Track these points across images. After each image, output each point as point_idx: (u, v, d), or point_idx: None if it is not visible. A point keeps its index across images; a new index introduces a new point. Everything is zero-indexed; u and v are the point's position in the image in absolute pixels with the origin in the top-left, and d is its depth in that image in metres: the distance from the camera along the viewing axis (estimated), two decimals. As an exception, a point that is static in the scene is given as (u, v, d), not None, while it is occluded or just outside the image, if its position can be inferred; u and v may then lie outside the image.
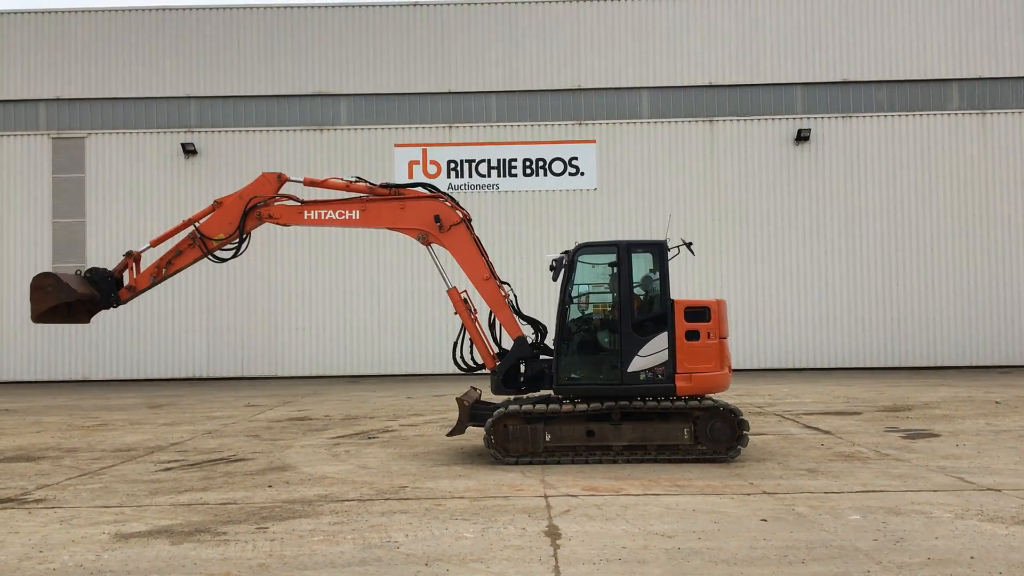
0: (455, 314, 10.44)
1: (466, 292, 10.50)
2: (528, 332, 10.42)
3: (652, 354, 9.67)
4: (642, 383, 9.69)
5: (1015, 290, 24.64)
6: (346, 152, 25.27)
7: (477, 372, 10.77)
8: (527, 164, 25.15)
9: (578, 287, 10.21)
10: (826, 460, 9.83)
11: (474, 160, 25.15)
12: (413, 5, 25.65)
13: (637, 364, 9.68)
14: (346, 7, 25.70)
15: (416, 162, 25.11)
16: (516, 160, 25.15)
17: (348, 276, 25.15)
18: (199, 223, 10.48)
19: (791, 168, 25.08)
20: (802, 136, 24.83)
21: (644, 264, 10.05)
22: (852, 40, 25.18)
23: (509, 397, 10.42)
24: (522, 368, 10.24)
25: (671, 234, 11.12)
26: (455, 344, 10.55)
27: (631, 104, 25.42)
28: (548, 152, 25.18)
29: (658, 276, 9.91)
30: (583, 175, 25.11)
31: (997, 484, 8.37)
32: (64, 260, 24.42)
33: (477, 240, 10.52)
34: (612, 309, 10.02)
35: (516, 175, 25.12)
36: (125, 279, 10.68)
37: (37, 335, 25.05)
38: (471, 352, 10.58)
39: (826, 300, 24.82)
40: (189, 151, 25.15)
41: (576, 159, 25.16)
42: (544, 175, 25.14)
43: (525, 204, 25.04)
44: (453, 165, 25.15)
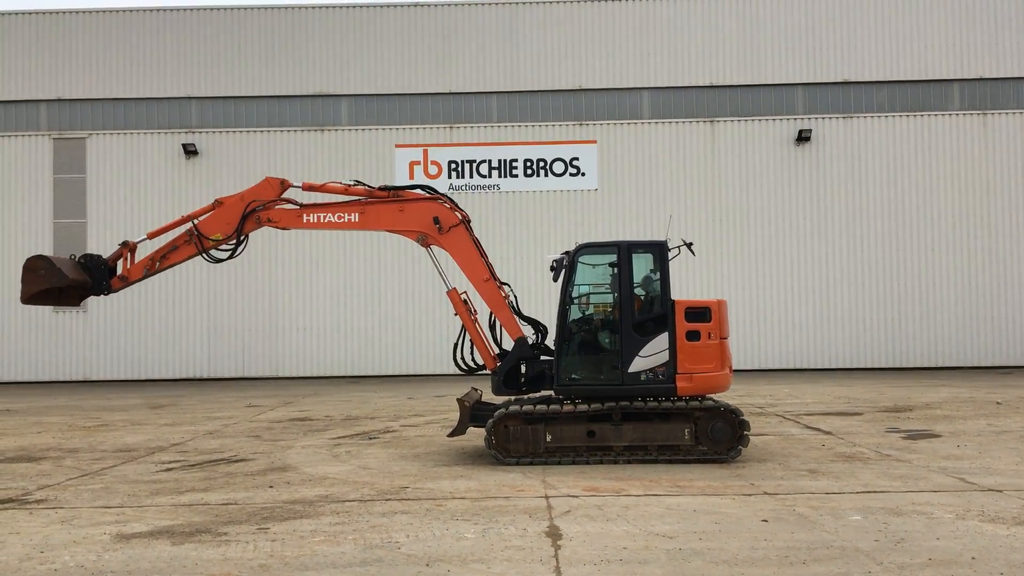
0: (455, 315, 10.44)
1: (466, 293, 10.49)
2: (528, 333, 10.42)
3: (653, 354, 9.67)
4: (643, 383, 9.69)
5: (1016, 290, 24.62)
6: (347, 153, 25.29)
7: (478, 373, 10.77)
8: (528, 164, 25.15)
9: (579, 287, 10.21)
10: (827, 461, 9.83)
11: (475, 160, 25.16)
12: (414, 6, 25.66)
13: (638, 364, 9.68)
14: (347, 7, 25.72)
15: (417, 163, 25.12)
16: (517, 160, 25.15)
17: (349, 277, 25.16)
18: (198, 220, 10.49)
19: (792, 168, 25.08)
20: (803, 136, 24.82)
21: (645, 264, 10.06)
22: (853, 40, 25.17)
23: (510, 398, 10.42)
24: (523, 369, 10.24)
25: (672, 234, 11.11)
26: (455, 345, 10.55)
27: (632, 104, 25.42)
28: (549, 152, 25.18)
29: (659, 276, 9.91)
30: (584, 175, 25.11)
31: (998, 485, 8.36)
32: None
33: (476, 241, 10.51)
34: (613, 309, 10.02)
35: (517, 175, 25.12)
36: (119, 268, 10.67)
37: (38, 336, 25.09)
38: (471, 353, 10.58)
39: (827, 300, 24.81)
40: (190, 151, 25.16)
41: (577, 159, 25.16)
42: (545, 175, 25.14)
43: (526, 204, 25.05)
44: (454, 166, 25.15)
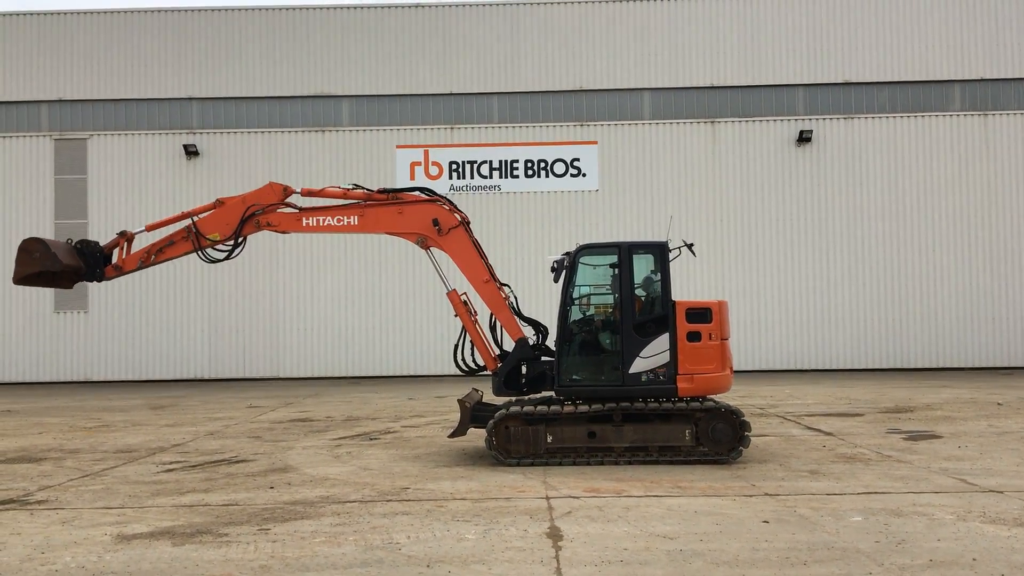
0: (455, 316, 10.44)
1: (466, 294, 10.50)
2: (529, 334, 10.42)
3: (653, 355, 9.67)
4: (643, 384, 9.68)
5: (1017, 291, 24.61)
6: (348, 153, 25.30)
7: (478, 374, 10.77)
8: (529, 165, 25.15)
9: (579, 288, 10.21)
10: (828, 462, 9.83)
11: (476, 161, 25.16)
12: (415, 7, 25.67)
13: (638, 365, 9.67)
14: (348, 8, 25.73)
15: (418, 163, 25.12)
16: (518, 161, 25.15)
17: (349, 277, 25.16)
18: (197, 218, 10.50)
19: (793, 169, 25.08)
20: (804, 137, 24.81)
21: (645, 265, 10.05)
22: (854, 41, 25.17)
23: (510, 399, 10.41)
24: (523, 369, 10.24)
25: (672, 235, 11.11)
26: (456, 346, 10.55)
27: (633, 105, 25.42)
28: (550, 153, 25.18)
29: (659, 277, 9.90)
30: (585, 176, 25.11)
31: (999, 486, 8.36)
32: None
33: (476, 243, 10.51)
34: (613, 310, 10.01)
35: (518, 176, 25.13)
36: (114, 257, 10.70)
37: (39, 336, 25.10)
38: (472, 354, 10.58)
39: (828, 301, 24.80)
40: (191, 152, 25.17)
41: (578, 160, 25.16)
42: (546, 176, 25.14)
43: (527, 205, 25.05)
44: (455, 166, 25.15)
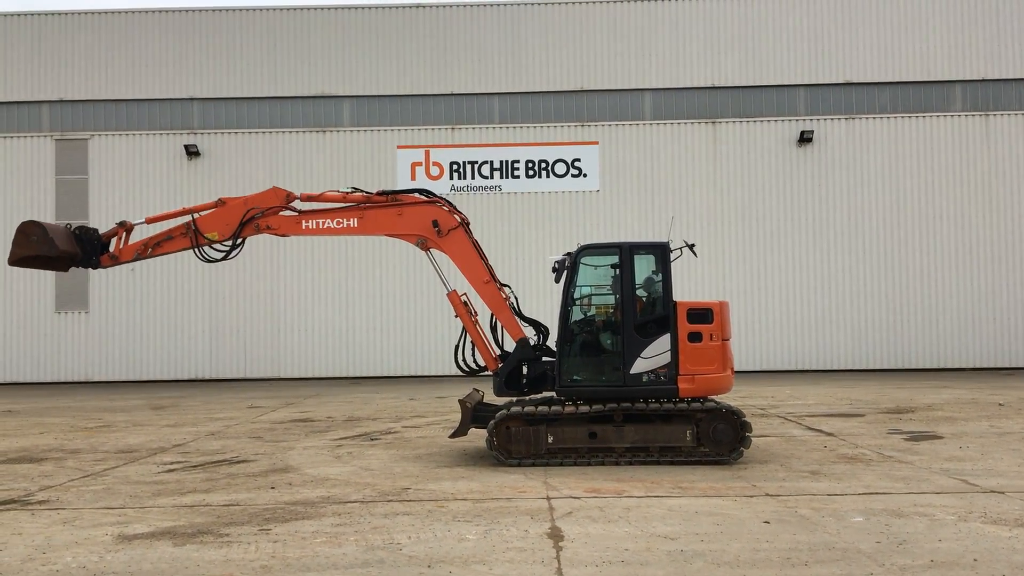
0: (456, 317, 10.44)
1: (466, 295, 10.50)
2: (530, 334, 10.42)
3: (654, 356, 9.67)
4: (644, 385, 9.68)
5: (1018, 291, 24.59)
6: (348, 154, 25.30)
7: (479, 374, 10.77)
8: (529, 166, 25.15)
9: (580, 289, 10.20)
10: (829, 462, 9.82)
11: (477, 162, 25.16)
12: (416, 7, 25.68)
13: (639, 366, 9.67)
14: (348, 9, 25.74)
15: (419, 164, 25.12)
16: (519, 162, 25.15)
17: (350, 278, 25.16)
18: (198, 216, 10.50)
19: (794, 169, 25.07)
20: (805, 137, 24.80)
21: (646, 266, 10.05)
22: (855, 41, 25.16)
23: (511, 399, 10.41)
24: (524, 370, 10.24)
25: (674, 236, 11.10)
26: (456, 347, 10.55)
27: (634, 105, 25.42)
28: (551, 153, 25.18)
29: (660, 278, 9.90)
30: (586, 177, 25.11)
31: (1000, 486, 8.35)
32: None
33: (476, 243, 10.51)
34: (614, 311, 10.01)
35: (519, 176, 25.12)
36: (112, 246, 10.70)
37: (40, 337, 25.11)
38: (473, 354, 10.58)
39: (829, 302, 24.79)
40: (192, 152, 25.18)
41: (579, 160, 25.15)
42: (547, 177, 25.14)
43: (527, 206, 25.05)
44: (456, 167, 25.16)
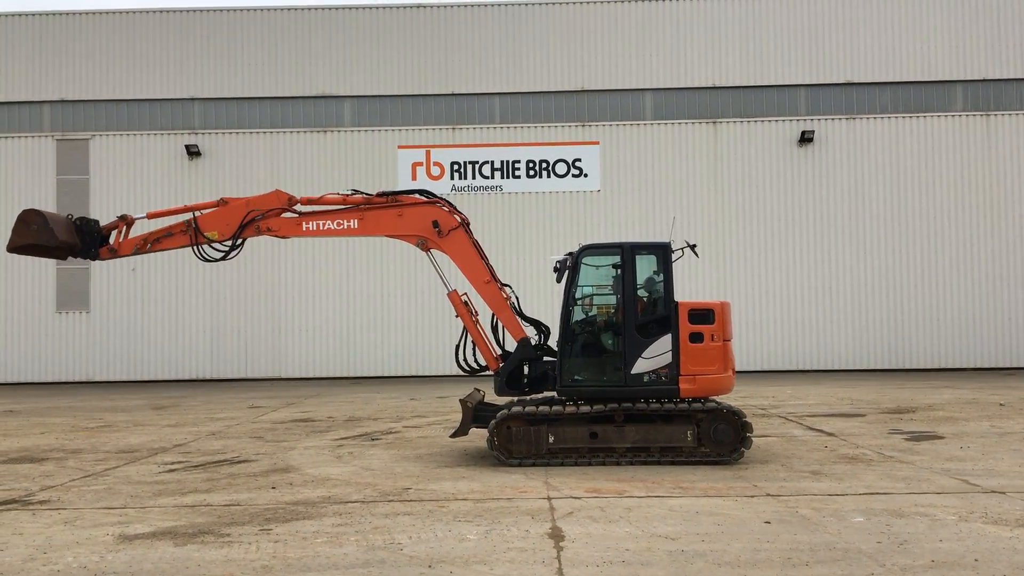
0: (456, 317, 10.45)
1: (466, 294, 10.50)
2: (531, 333, 10.42)
3: (656, 356, 9.66)
4: (646, 385, 9.67)
5: (1019, 291, 24.58)
6: (349, 154, 25.30)
7: (480, 374, 10.77)
8: (530, 166, 25.15)
9: (582, 289, 10.19)
10: (830, 462, 9.82)
11: (477, 162, 25.17)
12: (417, 7, 25.68)
13: (641, 366, 9.67)
14: (349, 9, 25.74)
15: (420, 164, 25.13)
16: (519, 162, 25.15)
17: (351, 277, 25.17)
18: (199, 214, 10.52)
19: (795, 170, 25.06)
20: (806, 138, 24.79)
21: (648, 266, 10.04)
22: (856, 41, 25.15)
23: (512, 399, 10.41)
24: (525, 369, 10.24)
25: (675, 236, 11.09)
26: (457, 346, 10.55)
27: (634, 105, 25.41)
28: (551, 154, 25.18)
29: (662, 278, 9.90)
30: (586, 177, 25.11)
31: (1001, 486, 8.35)
32: (68, 261, 24.41)
33: (476, 243, 10.51)
34: (616, 311, 10.01)
35: (519, 177, 25.13)
36: (112, 239, 10.72)
37: (41, 337, 25.12)
38: (474, 354, 10.58)
39: (829, 302, 24.78)
40: (193, 153, 25.19)
41: (579, 161, 25.15)
42: (547, 177, 25.14)
43: (528, 206, 25.05)
44: (456, 167, 25.16)
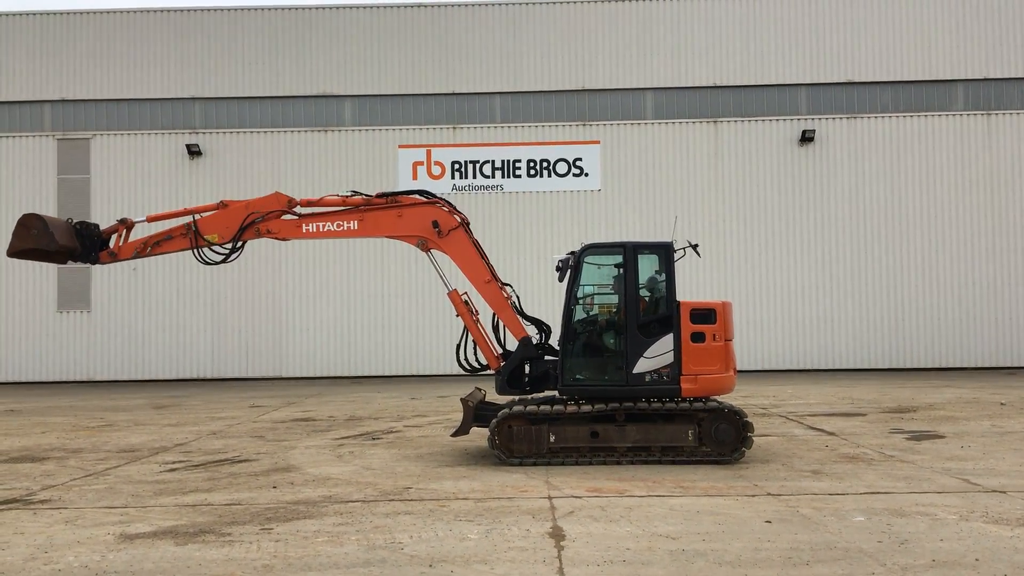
0: (457, 316, 10.45)
1: (467, 294, 10.51)
2: (532, 333, 10.42)
3: (657, 356, 9.66)
4: (647, 384, 9.67)
5: (1020, 291, 24.57)
6: (350, 153, 25.30)
7: (481, 373, 10.78)
8: (531, 165, 25.15)
9: (584, 288, 10.19)
10: (831, 462, 9.82)
11: (478, 161, 25.16)
12: (417, 7, 25.67)
13: (642, 365, 9.66)
14: (350, 8, 25.74)
15: (420, 163, 25.13)
16: (520, 161, 25.15)
17: (352, 277, 25.17)
18: (199, 217, 10.52)
19: (795, 169, 25.05)
20: (807, 137, 24.78)
21: (650, 265, 10.04)
22: (856, 41, 25.14)
23: (513, 398, 10.42)
24: (527, 369, 10.24)
25: (677, 236, 11.10)
26: (458, 345, 10.56)
27: (635, 105, 25.41)
28: (552, 153, 25.17)
29: (664, 278, 9.90)
30: (587, 176, 25.10)
31: (1002, 486, 8.35)
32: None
33: (476, 243, 10.51)
34: (618, 310, 10.00)
35: (520, 176, 25.12)
36: (112, 242, 10.73)
37: (42, 336, 25.13)
38: (475, 353, 10.59)
39: (830, 301, 24.78)
40: (194, 152, 25.19)
41: (580, 160, 25.15)
42: (548, 176, 25.13)
43: (529, 205, 25.05)
44: (457, 166, 25.15)
